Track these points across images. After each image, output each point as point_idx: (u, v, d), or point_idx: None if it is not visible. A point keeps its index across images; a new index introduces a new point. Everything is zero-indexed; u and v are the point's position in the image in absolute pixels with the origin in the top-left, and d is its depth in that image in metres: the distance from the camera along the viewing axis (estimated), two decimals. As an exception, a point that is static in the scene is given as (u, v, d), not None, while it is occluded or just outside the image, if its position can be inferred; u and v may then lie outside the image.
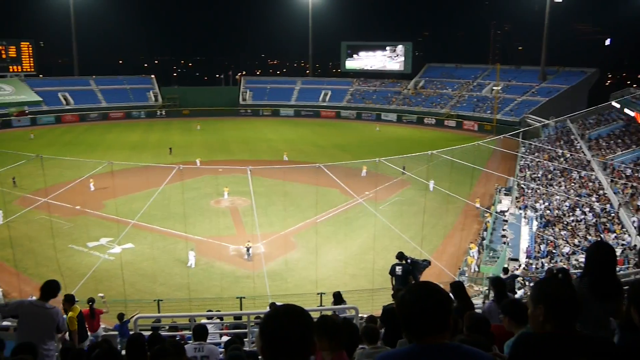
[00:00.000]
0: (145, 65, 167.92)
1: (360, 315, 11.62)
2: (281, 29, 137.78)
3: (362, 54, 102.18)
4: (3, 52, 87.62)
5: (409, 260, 14.66)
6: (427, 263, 15.35)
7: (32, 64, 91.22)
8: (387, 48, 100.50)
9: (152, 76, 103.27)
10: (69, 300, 11.39)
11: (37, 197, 35.54)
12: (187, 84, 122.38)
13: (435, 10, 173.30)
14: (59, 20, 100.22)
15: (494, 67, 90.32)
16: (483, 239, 32.25)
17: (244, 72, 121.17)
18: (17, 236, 30.14)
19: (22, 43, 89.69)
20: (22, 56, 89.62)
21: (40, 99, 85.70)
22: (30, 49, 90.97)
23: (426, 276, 15.82)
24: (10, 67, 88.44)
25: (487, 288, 20.82)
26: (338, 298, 13.86)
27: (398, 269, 14.16)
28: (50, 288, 7.02)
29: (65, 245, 31.37)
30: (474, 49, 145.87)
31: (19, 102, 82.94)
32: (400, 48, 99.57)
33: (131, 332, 12.82)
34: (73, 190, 36.71)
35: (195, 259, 29.13)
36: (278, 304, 13.08)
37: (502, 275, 16.26)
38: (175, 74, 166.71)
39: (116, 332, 14.22)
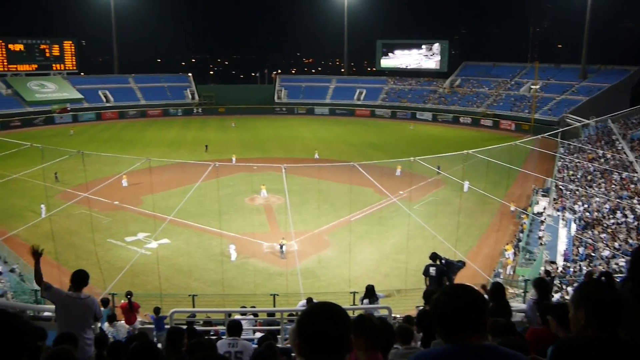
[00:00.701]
0: (183, 63, 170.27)
1: (392, 315, 11.58)
2: (316, 27, 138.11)
3: (397, 52, 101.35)
4: (47, 51, 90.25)
5: (443, 261, 14.51)
6: (461, 264, 15.16)
7: (74, 63, 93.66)
8: (423, 46, 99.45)
9: (189, 74, 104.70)
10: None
11: (77, 192, 36.47)
12: (223, 82, 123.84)
13: (473, 8, 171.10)
14: (100, 20, 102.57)
15: (532, 65, 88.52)
16: (519, 240, 31.71)
17: (279, 71, 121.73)
18: (59, 230, 31.02)
19: (65, 42, 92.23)
20: (65, 55, 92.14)
21: (82, 97, 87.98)
22: (73, 47, 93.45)
23: (460, 277, 15.68)
24: (54, 65, 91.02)
25: (522, 290, 20.50)
26: (370, 292, 13.71)
27: (432, 270, 14.03)
28: (80, 277, 7.12)
29: (104, 239, 32.12)
30: (512, 46, 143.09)
31: (62, 100, 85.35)
32: (436, 46, 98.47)
33: (166, 326, 13.08)
34: (112, 185, 37.62)
35: (236, 252, 29.66)
36: (314, 300, 13.08)
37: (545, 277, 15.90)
38: (211, 72, 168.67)
39: (152, 326, 14.49)
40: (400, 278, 25.15)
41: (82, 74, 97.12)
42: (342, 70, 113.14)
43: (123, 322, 14.98)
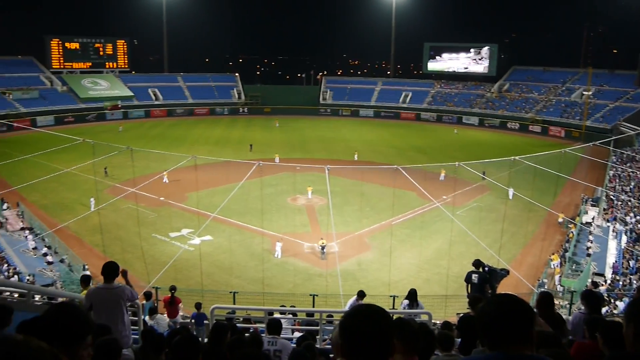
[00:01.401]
0: (230, 63, 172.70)
1: (433, 321, 11.45)
2: (363, 29, 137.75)
3: (445, 55, 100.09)
4: (101, 49, 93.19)
5: (486, 269, 14.23)
6: (505, 272, 14.81)
7: (126, 61, 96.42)
8: (472, 50, 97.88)
9: (236, 74, 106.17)
10: (85, 281, 12.23)
11: (125, 186, 37.45)
12: (270, 82, 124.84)
13: (524, 11, 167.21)
14: (152, 19, 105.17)
15: (585, 70, 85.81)
16: (565, 250, 30.84)
17: (325, 72, 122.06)
18: (106, 223, 31.94)
19: (118, 41, 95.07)
20: (118, 53, 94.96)
21: (132, 94, 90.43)
22: (125, 46, 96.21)
23: (503, 286, 15.38)
24: (107, 63, 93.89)
25: (568, 302, 19.95)
26: (413, 296, 13.53)
27: (474, 277, 13.77)
28: (110, 269, 7.21)
29: (149, 234, 32.88)
30: (563, 51, 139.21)
31: (113, 97, 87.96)
32: (485, 50, 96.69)
33: (206, 322, 13.31)
34: (158, 182, 38.49)
35: (281, 250, 29.93)
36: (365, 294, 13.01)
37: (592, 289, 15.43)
38: (258, 73, 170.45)
39: (192, 320, 14.73)
40: (440, 284, 24.86)
41: (133, 72, 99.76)
42: (388, 72, 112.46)
43: (164, 315, 15.30)
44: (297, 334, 11.52)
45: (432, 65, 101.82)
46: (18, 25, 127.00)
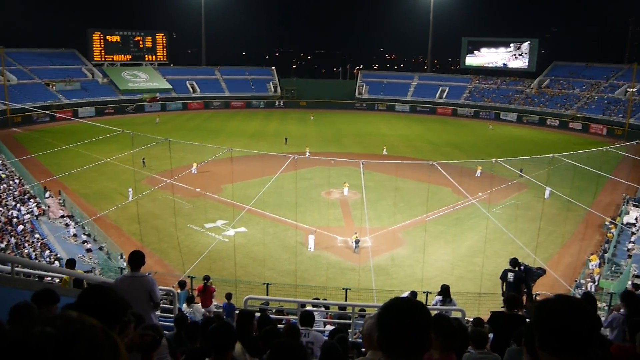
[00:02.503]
0: (267, 57, 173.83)
1: (466, 318, 11.35)
2: (401, 23, 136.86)
3: (483, 50, 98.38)
4: (141, 42, 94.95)
5: (522, 267, 14.02)
6: (541, 271, 14.58)
7: (165, 54, 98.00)
8: (511, 45, 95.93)
9: (273, 68, 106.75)
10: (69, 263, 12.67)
11: (163, 177, 38.12)
12: (305, 76, 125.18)
13: (566, 4, 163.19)
14: (191, 13, 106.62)
15: (630, 66, 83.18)
16: (605, 251, 30.09)
17: (361, 66, 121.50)
18: (144, 213, 32.61)
19: (157, 34, 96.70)
20: (157, 46, 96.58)
21: (170, 87, 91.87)
22: (165, 39, 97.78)
23: (539, 286, 15.14)
24: (146, 56, 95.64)
25: (606, 304, 19.47)
26: (446, 292, 13.44)
27: (510, 275, 13.59)
28: (137, 257, 7.27)
29: (184, 224, 33.42)
30: (607, 47, 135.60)
31: (152, 89, 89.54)
32: (525, 45, 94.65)
33: (236, 312, 13.46)
34: (194, 173, 39.00)
35: (314, 242, 30.12)
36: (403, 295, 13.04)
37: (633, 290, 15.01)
38: (294, 66, 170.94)
39: (222, 310, 14.92)
40: (474, 282, 24.58)
41: (171, 65, 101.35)
42: (425, 67, 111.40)
43: (199, 305, 15.56)
44: (329, 327, 11.57)
45: (470, 60, 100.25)
46: (62, 19, 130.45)
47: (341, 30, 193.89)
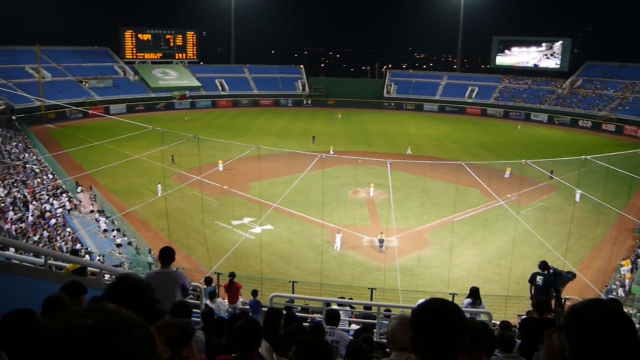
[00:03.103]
0: (295, 55, 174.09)
1: (492, 321, 11.23)
2: (430, 22, 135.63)
3: (514, 49, 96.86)
4: (171, 40, 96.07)
5: (551, 271, 13.81)
6: (571, 275, 14.31)
7: (195, 52, 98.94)
8: (543, 44, 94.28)
9: (301, 66, 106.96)
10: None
11: (191, 174, 38.56)
12: (334, 74, 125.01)
13: (600, 3, 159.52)
14: (220, 12, 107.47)
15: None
16: (638, 256, 29.41)
17: (389, 65, 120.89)
18: (172, 209, 33.01)
19: (188, 33, 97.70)
20: (187, 45, 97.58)
21: (200, 85, 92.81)
22: (195, 38, 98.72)
23: (569, 290, 14.89)
24: (177, 54, 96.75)
25: (638, 311, 19.07)
26: (475, 294, 13.27)
27: (539, 279, 13.38)
28: (167, 254, 7.32)
29: (212, 221, 33.74)
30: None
31: (182, 87, 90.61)
32: (557, 45, 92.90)
33: (263, 309, 13.55)
34: (222, 170, 39.32)
35: (341, 242, 30.15)
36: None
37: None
38: (322, 65, 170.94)
39: (248, 307, 15.01)
40: (502, 284, 24.27)
41: (201, 63, 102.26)
42: (455, 66, 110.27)
43: (225, 300, 15.70)
44: (353, 327, 11.57)
45: (501, 60, 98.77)
46: (95, 18, 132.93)
47: (370, 29, 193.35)
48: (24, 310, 3.77)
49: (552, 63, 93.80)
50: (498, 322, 11.50)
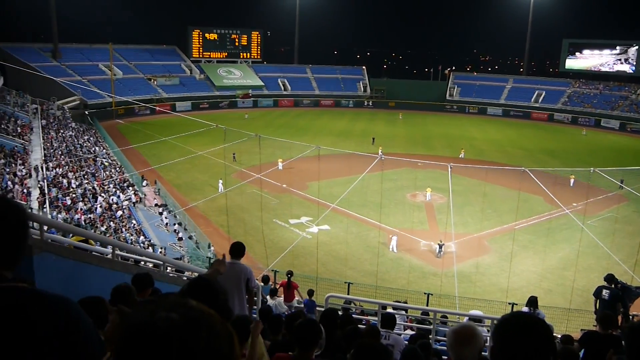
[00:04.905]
0: (358, 56, 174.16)
1: (554, 334, 10.86)
2: (497, 24, 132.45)
3: (586, 52, 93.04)
4: (236, 40, 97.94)
5: (619, 285, 13.22)
6: (640, 291, 13.67)
7: (259, 52, 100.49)
8: (618, 47, 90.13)
9: (363, 67, 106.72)
10: None
11: (251, 172, 39.20)
12: (396, 76, 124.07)
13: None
14: (285, 12, 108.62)
15: None
16: None
17: (453, 67, 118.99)
18: (232, 205, 33.67)
19: (253, 33, 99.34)
20: (252, 44, 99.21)
21: (263, 84, 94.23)
22: (259, 38, 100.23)
23: (637, 306, 14.23)
24: (241, 54, 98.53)
25: None
26: (533, 303, 12.86)
27: (605, 293, 12.84)
28: (238, 248, 7.71)
29: (270, 219, 34.18)
30: None
31: (245, 86, 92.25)
32: (633, 49, 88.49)
33: (319, 309, 13.62)
34: (282, 169, 39.77)
35: (397, 244, 30.08)
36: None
37: None
38: (385, 66, 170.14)
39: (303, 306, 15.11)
40: (564, 296, 23.45)
41: (264, 62, 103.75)
42: (521, 69, 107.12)
43: (281, 298, 15.88)
44: (408, 331, 11.48)
45: (571, 63, 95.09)
46: (164, 17, 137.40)
47: (434, 31, 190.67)
48: (96, 298, 3.97)
49: (626, 67, 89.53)
50: (559, 336, 11.13)
